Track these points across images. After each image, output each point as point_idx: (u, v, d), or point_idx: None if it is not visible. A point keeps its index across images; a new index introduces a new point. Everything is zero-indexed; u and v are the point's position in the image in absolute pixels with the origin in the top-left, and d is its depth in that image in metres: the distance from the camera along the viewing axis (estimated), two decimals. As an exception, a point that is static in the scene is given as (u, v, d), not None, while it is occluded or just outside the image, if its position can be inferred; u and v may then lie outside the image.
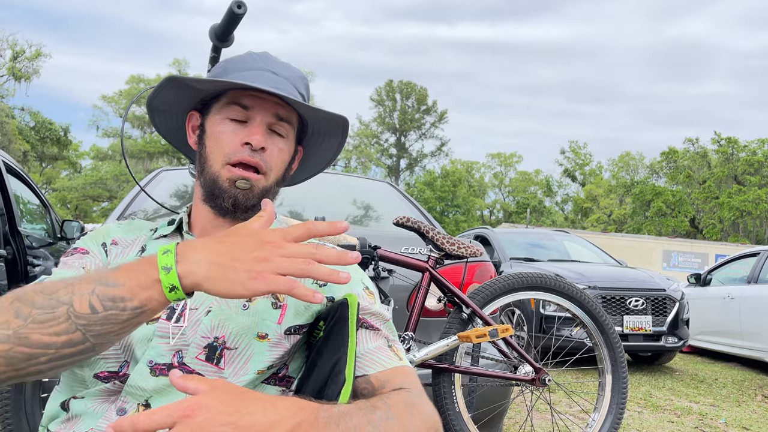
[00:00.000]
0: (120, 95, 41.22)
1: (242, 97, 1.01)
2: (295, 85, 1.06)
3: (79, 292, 0.75)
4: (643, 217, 35.79)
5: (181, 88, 1.05)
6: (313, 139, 1.15)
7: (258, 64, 1.05)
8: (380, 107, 49.62)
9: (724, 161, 35.00)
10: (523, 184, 49.95)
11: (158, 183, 2.94)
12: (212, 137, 1.02)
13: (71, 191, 38.90)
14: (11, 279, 3.34)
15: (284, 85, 1.03)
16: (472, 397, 2.26)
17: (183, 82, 1.03)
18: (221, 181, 1.00)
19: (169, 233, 1.07)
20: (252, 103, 1.00)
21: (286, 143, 1.05)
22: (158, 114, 1.13)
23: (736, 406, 4.75)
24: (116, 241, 1.05)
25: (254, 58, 1.06)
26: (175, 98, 1.08)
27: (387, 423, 0.78)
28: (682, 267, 20.03)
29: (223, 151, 1.00)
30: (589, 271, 6.45)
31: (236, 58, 1.07)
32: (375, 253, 1.99)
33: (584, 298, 2.33)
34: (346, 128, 1.12)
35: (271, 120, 1.02)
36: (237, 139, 1.00)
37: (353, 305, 0.94)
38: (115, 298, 0.74)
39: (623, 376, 2.36)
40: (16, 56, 31.12)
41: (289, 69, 1.08)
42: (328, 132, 1.14)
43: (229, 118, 1.01)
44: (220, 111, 1.02)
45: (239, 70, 1.04)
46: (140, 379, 0.88)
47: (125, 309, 0.73)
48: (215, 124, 1.02)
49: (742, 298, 6.84)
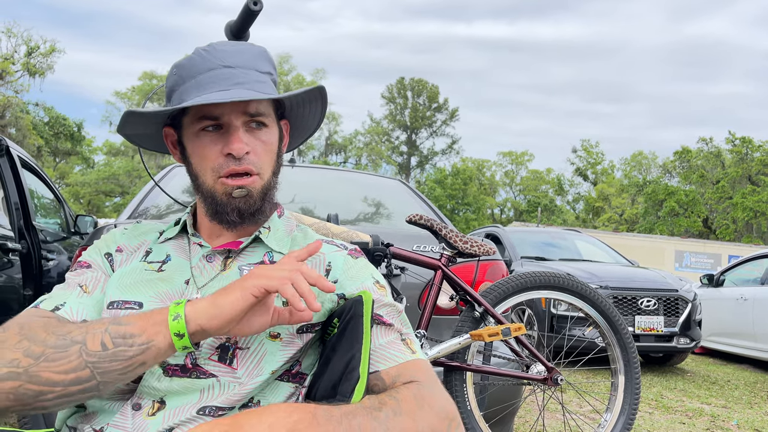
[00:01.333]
0: (133, 91, 41.49)
1: (208, 108, 0.97)
2: (256, 67, 1.00)
3: (93, 331, 0.80)
4: (656, 216, 35.54)
5: (143, 115, 1.02)
6: (294, 110, 1.12)
7: (209, 62, 0.98)
8: (391, 105, 49.58)
9: (738, 161, 34.66)
10: (535, 183, 49.73)
11: (171, 178, 2.95)
12: (194, 154, 1.00)
13: (84, 186, 39.21)
14: (26, 273, 3.37)
15: (244, 76, 0.98)
16: (483, 395, 2.25)
17: (141, 114, 1.00)
18: (218, 195, 0.99)
19: (174, 235, 1.07)
20: (220, 111, 0.96)
21: (269, 132, 1.02)
22: (137, 139, 1.13)
23: (749, 408, 4.71)
24: (121, 247, 1.05)
25: (203, 56, 0.99)
26: (143, 125, 1.06)
27: (395, 419, 0.78)
28: (694, 267, 19.88)
29: (210, 166, 0.98)
30: (601, 270, 6.42)
31: (187, 62, 1.00)
32: (387, 250, 1.98)
33: (597, 298, 2.32)
34: (323, 93, 1.08)
35: (245, 119, 0.98)
36: (218, 150, 0.97)
37: (368, 302, 0.95)
38: (126, 334, 0.79)
39: (636, 376, 2.34)
40: (30, 52, 31.37)
41: (243, 53, 1.00)
42: (308, 100, 1.10)
43: (203, 130, 0.98)
44: (192, 125, 0.99)
45: (193, 76, 0.98)
46: (154, 379, 0.89)
47: (133, 345, 0.78)
48: (192, 140, 1.00)
49: (755, 299, 6.77)
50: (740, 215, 31.57)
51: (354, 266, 1.03)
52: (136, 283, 0.97)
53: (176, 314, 0.79)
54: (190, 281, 0.98)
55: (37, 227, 3.60)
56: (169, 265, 1.01)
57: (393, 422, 0.77)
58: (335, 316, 0.98)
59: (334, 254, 1.04)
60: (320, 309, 0.80)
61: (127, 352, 0.78)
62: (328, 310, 0.99)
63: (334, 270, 1.02)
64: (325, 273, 1.01)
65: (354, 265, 1.04)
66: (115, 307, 0.94)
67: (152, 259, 1.02)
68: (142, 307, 0.94)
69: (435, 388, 0.88)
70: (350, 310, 0.95)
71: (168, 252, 1.03)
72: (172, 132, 1.06)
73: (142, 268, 1.00)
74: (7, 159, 3.44)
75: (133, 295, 0.96)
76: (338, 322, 0.95)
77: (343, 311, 0.96)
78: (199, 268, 1.00)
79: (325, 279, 0.82)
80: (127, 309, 0.94)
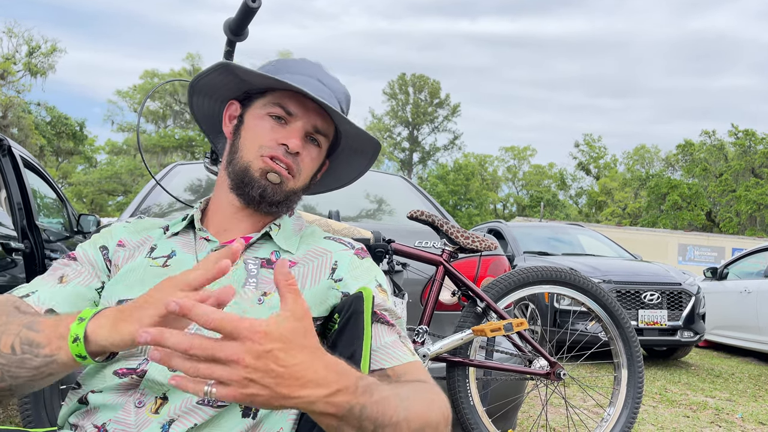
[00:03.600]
0: (134, 90, 41.46)
1: (287, 100, 1.02)
2: (339, 100, 1.08)
3: (9, 331, 0.79)
4: (659, 210, 35.47)
5: (229, 75, 1.06)
6: (341, 154, 1.17)
7: (308, 70, 1.07)
8: (393, 101, 49.51)
9: (741, 154, 34.58)
10: (537, 178, 49.64)
11: (173, 177, 2.96)
12: (250, 129, 1.03)
13: (87, 185, 39.26)
14: (29, 272, 3.38)
15: (330, 97, 1.05)
16: (486, 390, 2.25)
17: (235, 70, 1.04)
18: (253, 170, 1.01)
19: (180, 230, 1.07)
20: (296, 109, 1.02)
21: (319, 153, 1.07)
22: (198, 97, 1.14)
23: (753, 400, 4.71)
24: (122, 242, 1.05)
25: (306, 65, 1.09)
26: (219, 84, 1.09)
27: (412, 402, 0.79)
28: (697, 261, 19.85)
29: (258, 143, 1.01)
30: (604, 264, 6.41)
31: (289, 61, 1.09)
32: (389, 246, 1.98)
33: (599, 292, 2.32)
34: (377, 151, 1.14)
35: (311, 129, 1.03)
36: (274, 137, 1.01)
37: (368, 298, 0.95)
38: (32, 342, 0.77)
39: (639, 370, 2.34)
40: (31, 52, 31.40)
41: (337, 83, 1.10)
42: (358, 150, 1.16)
43: (271, 115, 1.02)
44: (263, 107, 1.03)
45: (290, 71, 1.05)
46: (157, 374, 0.89)
47: (38, 355, 0.76)
48: (255, 118, 1.04)
49: (759, 292, 6.76)
50: (743, 208, 31.50)
51: (359, 266, 1.04)
52: (141, 280, 0.97)
53: (75, 336, 0.74)
54: None
55: (39, 227, 3.61)
56: (173, 260, 1.01)
57: (411, 404, 0.78)
58: (336, 311, 0.98)
59: (341, 253, 1.05)
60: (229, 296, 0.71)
61: (33, 361, 0.76)
62: (331, 305, 0.99)
63: (339, 269, 1.02)
64: (331, 271, 1.02)
65: (360, 266, 1.04)
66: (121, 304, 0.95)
67: (157, 255, 1.02)
68: None
69: (439, 389, 0.90)
70: (351, 306, 0.95)
71: (173, 247, 1.03)
72: (236, 106, 1.09)
73: (147, 264, 1.00)
74: (10, 159, 3.45)
75: (138, 292, 0.95)
76: (339, 318, 0.96)
77: (344, 307, 0.96)
78: None
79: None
80: None
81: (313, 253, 1.05)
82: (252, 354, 0.61)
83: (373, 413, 0.71)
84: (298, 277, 1.00)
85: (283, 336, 0.63)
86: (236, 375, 0.61)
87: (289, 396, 0.64)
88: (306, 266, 1.02)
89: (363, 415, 0.70)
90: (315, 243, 1.07)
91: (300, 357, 0.64)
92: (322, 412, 0.67)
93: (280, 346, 0.63)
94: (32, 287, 0.96)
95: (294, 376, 0.64)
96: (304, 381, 0.65)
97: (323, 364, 0.67)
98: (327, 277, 1.01)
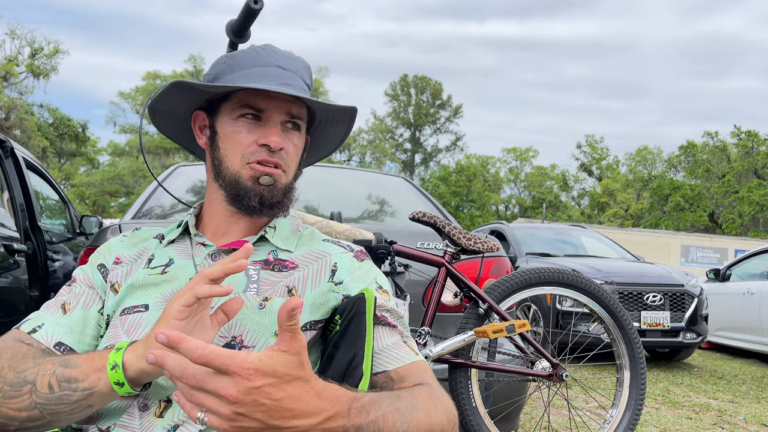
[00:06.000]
0: (137, 91, 41.52)
1: (254, 98, 0.99)
2: (302, 77, 1.05)
3: (43, 371, 0.82)
4: (661, 211, 35.42)
5: (185, 91, 1.03)
6: (320, 127, 1.16)
7: (263, 59, 1.03)
8: (395, 102, 49.52)
9: (744, 155, 34.52)
10: (539, 179, 49.58)
11: (175, 178, 2.96)
12: (226, 138, 1.01)
13: (89, 187, 39.32)
14: (32, 274, 3.38)
15: (293, 79, 1.02)
16: (488, 392, 2.25)
17: (190, 86, 1.02)
18: (243, 180, 0.99)
19: (176, 237, 1.06)
20: (265, 105, 1.00)
21: (300, 137, 1.06)
22: (160, 115, 1.12)
23: (756, 402, 4.69)
24: (120, 258, 1.05)
25: (258, 52, 1.04)
26: (179, 100, 1.07)
27: (413, 412, 0.79)
28: (700, 262, 19.80)
29: (240, 152, 1.00)
30: (606, 266, 6.40)
31: (240, 54, 1.05)
32: (391, 248, 1.98)
33: (602, 294, 2.31)
34: (353, 116, 1.12)
35: (285, 118, 1.01)
36: (252, 139, 0.99)
37: (370, 300, 0.95)
38: (70, 378, 0.80)
39: (641, 372, 2.34)
40: (34, 53, 31.48)
41: (294, 60, 1.06)
42: (336, 120, 1.14)
43: (243, 116, 1.00)
44: (231, 112, 1.01)
45: (245, 68, 1.02)
46: (161, 378, 0.88)
47: (76, 390, 0.79)
48: (228, 125, 1.01)
49: (762, 293, 6.74)
50: (746, 209, 31.43)
51: (360, 269, 1.04)
52: (143, 287, 0.98)
53: (114, 363, 0.79)
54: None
55: (42, 228, 3.62)
56: (172, 268, 1.01)
57: (412, 415, 0.78)
58: (337, 313, 0.98)
59: (340, 255, 1.05)
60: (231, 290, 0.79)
61: (72, 396, 0.80)
62: (332, 307, 0.99)
63: (339, 271, 1.02)
64: (331, 274, 1.01)
65: (359, 268, 1.04)
66: (125, 312, 0.95)
67: (155, 264, 1.02)
68: (148, 309, 0.94)
69: (443, 391, 0.90)
70: (353, 307, 0.95)
71: (170, 256, 1.03)
72: (203, 116, 1.07)
73: (146, 274, 1.00)
74: (12, 160, 3.45)
75: (140, 299, 0.96)
76: (340, 320, 0.96)
77: (346, 309, 0.96)
78: (204, 267, 0.99)
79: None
80: (136, 313, 0.94)
81: (312, 255, 1.04)
82: (241, 390, 0.61)
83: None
84: (299, 281, 1.00)
85: (275, 371, 0.63)
86: (225, 409, 0.62)
87: (281, 427, 0.64)
88: (306, 269, 1.01)
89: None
90: (314, 245, 1.07)
91: (291, 390, 0.64)
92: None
93: (271, 381, 0.63)
94: (38, 321, 0.96)
95: (285, 408, 0.64)
96: (296, 413, 0.65)
97: (315, 394, 0.67)
98: (327, 279, 1.01)
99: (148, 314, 0.94)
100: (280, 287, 0.98)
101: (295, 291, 0.98)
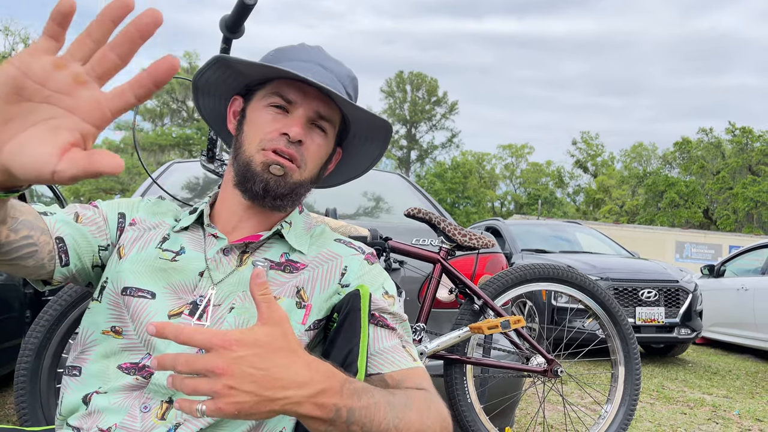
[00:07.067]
0: (131, 88, 41.32)
1: (287, 89, 0.98)
2: (343, 84, 1.04)
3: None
4: (656, 208, 35.54)
5: (226, 70, 1.03)
6: (353, 141, 1.13)
7: (308, 56, 1.03)
8: (390, 99, 49.53)
9: (739, 151, 34.64)
10: (535, 176, 49.69)
11: (170, 175, 2.95)
12: (251, 123, 1.00)
13: (84, 184, 39.20)
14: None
15: (332, 81, 1.01)
16: (483, 388, 2.26)
17: (228, 62, 1.01)
18: (254, 164, 0.97)
19: (190, 224, 1.04)
20: (295, 96, 0.98)
21: (325, 140, 1.03)
22: (203, 96, 1.11)
23: (750, 397, 4.72)
24: (136, 220, 1.04)
25: (306, 50, 1.05)
26: (219, 80, 1.06)
27: (405, 410, 0.78)
28: (695, 258, 19.87)
29: (259, 136, 0.98)
30: (602, 262, 6.42)
31: (288, 48, 1.05)
32: (386, 244, 1.98)
33: (597, 290, 2.32)
34: (388, 134, 1.09)
35: (313, 115, 0.99)
36: (275, 127, 0.98)
37: (365, 296, 0.95)
38: None
39: (636, 367, 2.34)
40: (28, 50, 31.31)
41: (340, 66, 1.06)
42: (370, 137, 1.11)
43: (271, 105, 0.99)
44: (262, 99, 1.01)
45: (290, 60, 1.02)
46: (163, 378, 0.88)
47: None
48: (255, 111, 1.01)
49: (756, 289, 6.78)
50: (741, 205, 31.57)
51: (369, 272, 1.03)
52: (150, 271, 0.96)
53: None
54: (205, 273, 0.96)
55: (36, 225, 3.60)
56: (183, 257, 0.99)
57: (403, 412, 0.78)
58: (335, 310, 0.98)
59: (351, 258, 1.03)
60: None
61: None
62: (332, 305, 0.99)
63: (348, 273, 1.01)
64: (340, 276, 1.00)
65: (369, 272, 1.03)
66: (128, 293, 0.94)
67: (167, 248, 1.00)
68: (155, 298, 0.94)
69: (439, 397, 0.89)
70: (348, 304, 0.95)
71: (182, 244, 1.01)
72: (240, 101, 1.06)
73: (156, 255, 0.99)
74: (6, 157, 3.43)
75: (147, 283, 0.95)
76: (337, 317, 0.96)
77: (342, 305, 0.96)
78: (215, 261, 0.98)
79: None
80: (140, 297, 0.93)
81: (323, 256, 1.02)
82: (226, 360, 0.62)
83: (360, 418, 0.72)
84: (308, 282, 0.99)
85: (257, 341, 0.64)
86: (217, 385, 0.62)
87: (274, 398, 0.64)
88: (316, 270, 1.00)
89: (351, 419, 0.71)
90: (325, 245, 1.05)
91: (277, 359, 0.65)
92: (309, 416, 0.68)
93: (255, 351, 0.64)
94: (51, 209, 0.96)
95: (275, 378, 0.64)
96: (286, 382, 0.65)
97: (304, 363, 0.68)
98: (336, 282, 1.00)
99: (154, 303, 0.93)
100: (289, 287, 0.97)
101: (303, 292, 0.97)
